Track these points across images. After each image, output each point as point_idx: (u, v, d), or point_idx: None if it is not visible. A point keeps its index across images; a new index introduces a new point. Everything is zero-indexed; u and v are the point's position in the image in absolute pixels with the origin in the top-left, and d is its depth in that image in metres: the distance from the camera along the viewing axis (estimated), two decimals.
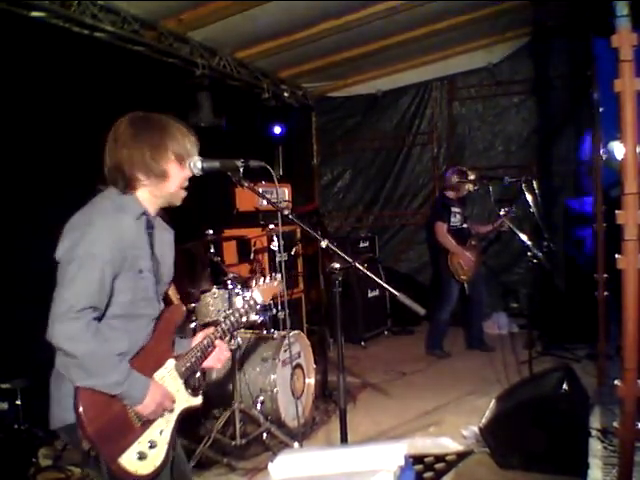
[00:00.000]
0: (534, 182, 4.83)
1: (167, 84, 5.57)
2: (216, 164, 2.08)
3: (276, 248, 4.57)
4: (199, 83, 5.80)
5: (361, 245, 7.23)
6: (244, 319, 2.36)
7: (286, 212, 2.13)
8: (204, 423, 4.08)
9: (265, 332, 4.31)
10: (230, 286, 3.99)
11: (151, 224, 2.07)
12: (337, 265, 2.17)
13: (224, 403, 3.96)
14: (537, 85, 7.33)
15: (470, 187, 5.90)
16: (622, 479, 2.55)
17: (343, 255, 2.07)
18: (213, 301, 3.94)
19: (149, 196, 2.05)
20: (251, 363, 4.10)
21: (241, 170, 2.09)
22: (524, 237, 4.46)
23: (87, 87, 4.76)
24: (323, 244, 2.09)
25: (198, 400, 2.19)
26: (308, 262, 6.42)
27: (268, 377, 4.00)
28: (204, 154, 2.12)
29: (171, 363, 2.11)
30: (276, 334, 4.27)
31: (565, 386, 3.31)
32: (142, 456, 1.94)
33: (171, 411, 2.07)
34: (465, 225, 6.09)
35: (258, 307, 2.44)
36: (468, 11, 6.00)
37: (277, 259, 4.57)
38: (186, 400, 2.14)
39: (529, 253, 4.47)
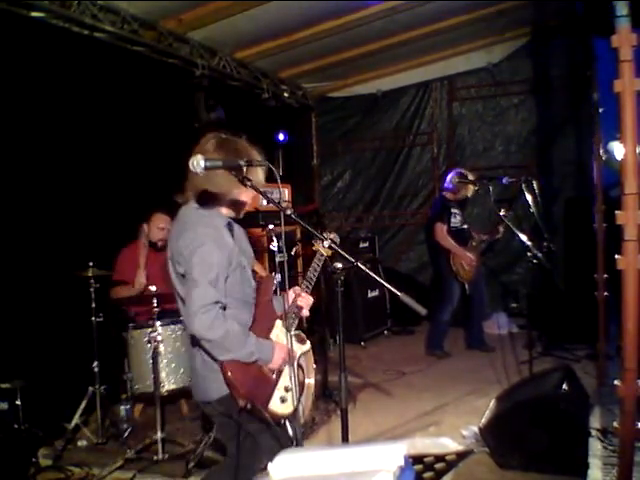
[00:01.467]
0: (534, 182, 4.82)
1: (167, 84, 5.57)
2: (219, 163, 2.08)
3: (276, 248, 4.56)
4: (199, 83, 5.80)
5: (361, 245, 7.22)
6: (318, 270, 2.66)
7: (289, 212, 2.13)
8: (204, 423, 4.07)
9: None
10: None
11: (231, 226, 2.48)
12: (339, 265, 2.18)
13: None
14: (537, 85, 7.33)
15: (469, 191, 5.90)
16: (622, 479, 2.56)
17: (345, 255, 2.08)
18: None
19: (225, 210, 2.45)
20: None
21: (244, 169, 2.09)
22: (524, 237, 4.45)
23: (87, 87, 4.77)
24: (326, 243, 2.11)
25: (307, 346, 2.66)
26: (308, 262, 6.41)
27: None
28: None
29: (279, 323, 2.52)
30: None
31: (565, 386, 3.31)
32: (284, 399, 2.43)
33: (293, 360, 2.46)
34: (465, 226, 6.08)
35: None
36: (468, 11, 6.00)
37: (277, 259, 4.56)
38: (299, 348, 2.59)
39: (529, 253, 4.46)
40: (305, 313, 2.63)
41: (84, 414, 4.13)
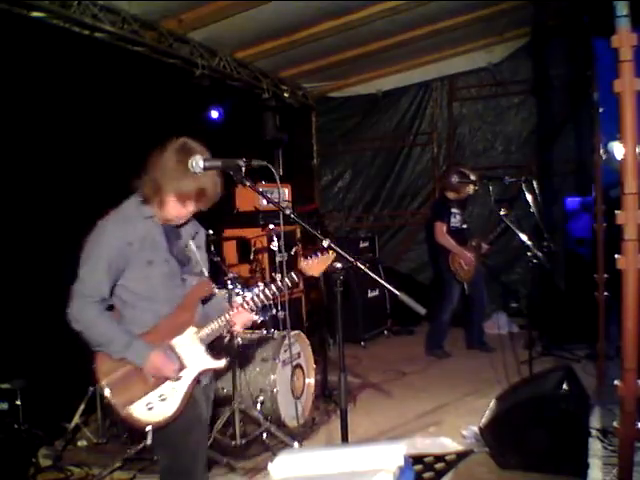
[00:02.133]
0: (534, 182, 4.83)
1: (167, 84, 5.57)
2: (218, 163, 2.08)
3: (276, 248, 4.56)
4: (199, 83, 5.81)
5: (361, 245, 7.23)
6: (275, 292, 2.54)
7: (288, 212, 2.13)
8: None
9: (265, 332, 4.31)
10: (230, 286, 3.99)
11: (168, 225, 2.40)
12: (338, 265, 2.18)
13: (224, 403, 3.96)
14: (537, 85, 7.33)
15: (471, 189, 5.89)
16: (622, 479, 2.56)
17: (344, 254, 2.07)
18: None
19: (154, 211, 2.38)
20: (251, 363, 4.10)
21: (243, 169, 2.09)
22: (524, 237, 4.46)
23: (87, 87, 4.76)
24: (325, 243, 2.09)
25: (220, 363, 2.44)
26: None
27: (268, 377, 4.00)
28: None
29: (191, 330, 2.39)
30: (276, 334, 4.27)
31: (565, 386, 3.31)
32: (150, 407, 2.27)
33: (176, 377, 2.31)
34: (465, 226, 6.08)
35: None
36: (468, 11, 6.00)
37: (277, 259, 4.57)
38: (206, 362, 2.40)
39: (529, 253, 4.46)
40: (237, 329, 2.52)
41: (84, 414, 4.13)
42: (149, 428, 2.26)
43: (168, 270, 2.36)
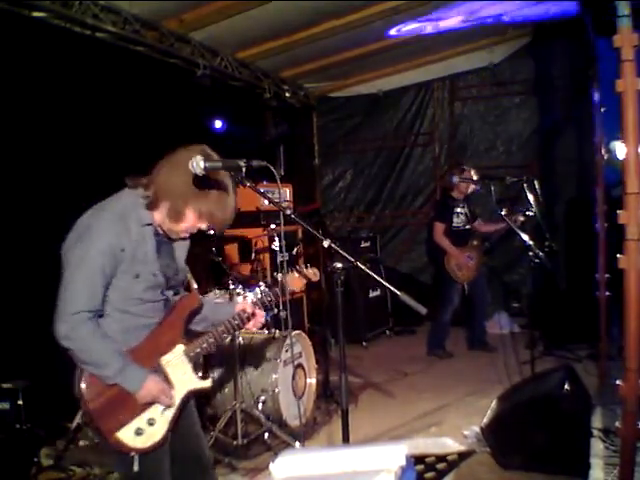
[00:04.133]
0: (535, 182, 4.82)
1: (168, 84, 5.58)
2: (218, 164, 2.07)
3: (277, 248, 4.57)
4: (200, 83, 5.81)
5: (362, 245, 7.23)
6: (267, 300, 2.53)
7: (288, 212, 2.12)
8: (205, 423, 4.08)
9: (266, 332, 4.32)
10: (232, 286, 3.99)
11: (158, 232, 2.19)
12: (339, 265, 2.17)
13: (225, 403, 3.97)
14: (538, 85, 7.33)
15: (471, 187, 5.89)
16: (624, 479, 2.55)
17: (345, 254, 2.07)
18: None
19: (160, 218, 2.16)
20: (252, 363, 4.10)
21: (244, 170, 2.08)
22: (525, 237, 4.45)
23: (88, 87, 4.77)
24: (325, 243, 2.08)
25: (206, 383, 2.30)
26: (309, 262, 6.39)
27: (269, 377, 4.00)
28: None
29: (180, 348, 2.24)
30: (277, 334, 4.27)
31: (567, 386, 3.30)
32: (140, 432, 2.09)
33: (170, 403, 2.16)
34: (468, 226, 6.07)
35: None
36: None
37: (278, 259, 4.57)
38: (194, 383, 2.26)
39: (530, 253, 4.46)
40: (250, 326, 2.44)
41: None
42: (134, 454, 2.07)
43: (153, 284, 2.15)
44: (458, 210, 5.98)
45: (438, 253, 5.93)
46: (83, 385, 2.04)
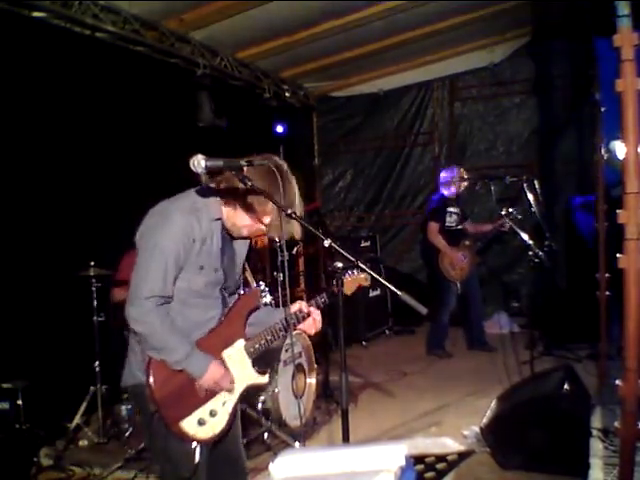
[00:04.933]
0: (535, 182, 4.82)
1: (168, 84, 5.57)
2: (220, 163, 2.07)
3: (277, 248, 4.56)
4: (200, 83, 5.80)
5: (362, 244, 7.24)
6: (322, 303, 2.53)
7: (288, 211, 2.12)
8: None
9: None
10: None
11: (225, 229, 2.25)
12: (340, 264, 2.17)
13: None
14: (538, 85, 7.33)
15: (462, 186, 5.93)
16: (623, 479, 2.55)
17: (345, 254, 2.07)
18: None
19: (228, 214, 2.21)
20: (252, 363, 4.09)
21: (245, 169, 2.08)
22: (525, 236, 4.46)
23: (88, 87, 4.77)
24: (326, 243, 2.08)
25: (264, 379, 2.37)
26: (309, 261, 6.41)
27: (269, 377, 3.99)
28: (206, 154, 2.12)
29: (240, 343, 2.30)
30: None
31: (566, 386, 3.31)
32: (202, 422, 2.15)
33: (231, 389, 2.23)
34: (460, 227, 6.10)
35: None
36: (469, 11, 6.00)
37: (279, 258, 4.57)
38: (252, 378, 2.32)
39: (530, 252, 4.46)
40: (304, 327, 2.47)
41: (85, 414, 4.13)
42: (195, 445, 2.12)
43: (214, 279, 2.22)
44: (451, 209, 6.00)
45: (432, 253, 5.96)
46: (151, 373, 2.07)
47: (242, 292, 2.44)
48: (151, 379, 2.07)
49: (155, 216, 2.14)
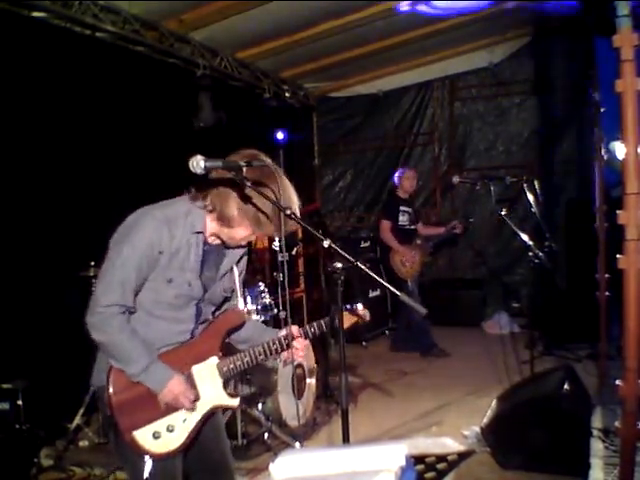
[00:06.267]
0: (535, 182, 4.82)
1: (168, 84, 5.57)
2: (219, 163, 2.06)
3: (277, 248, 4.56)
4: (200, 83, 5.80)
5: (362, 245, 7.23)
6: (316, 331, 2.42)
7: (288, 212, 2.11)
8: None
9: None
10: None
11: (207, 242, 2.16)
12: (339, 265, 2.17)
13: None
14: (538, 85, 7.33)
15: (415, 184, 6.16)
16: (623, 479, 2.55)
17: (345, 254, 2.07)
18: None
19: (216, 226, 2.13)
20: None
21: (244, 170, 2.08)
22: (525, 237, 4.45)
23: (88, 87, 4.76)
24: (325, 243, 2.07)
25: (234, 402, 2.27)
26: (309, 262, 6.41)
27: (269, 377, 3.99)
28: (205, 154, 2.12)
29: (214, 360, 2.21)
30: None
31: (566, 386, 3.31)
32: (157, 435, 2.06)
33: (193, 408, 2.13)
34: (413, 226, 6.15)
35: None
36: (469, 11, 5.99)
37: (278, 259, 4.57)
38: (220, 399, 2.22)
39: (530, 253, 4.46)
40: (285, 356, 2.36)
41: (86, 414, 4.13)
42: (147, 459, 2.03)
43: (186, 292, 2.12)
44: (403, 209, 6.05)
45: (384, 251, 6.00)
46: (110, 379, 2.04)
47: (227, 308, 2.35)
48: (110, 384, 2.03)
49: (127, 223, 2.08)
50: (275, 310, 4.35)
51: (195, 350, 2.19)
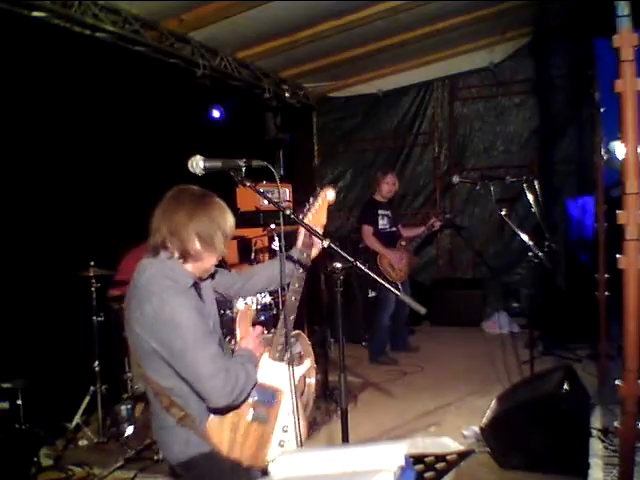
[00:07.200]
0: (535, 182, 4.82)
1: (168, 84, 5.58)
2: (218, 163, 2.07)
3: (277, 248, 4.57)
4: (200, 83, 5.81)
5: (362, 245, 7.21)
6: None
7: (288, 212, 2.11)
8: None
9: (266, 332, 4.30)
10: None
11: (199, 285, 2.21)
12: (339, 265, 2.17)
13: None
14: (538, 85, 7.33)
15: (394, 189, 6.09)
16: (623, 479, 2.56)
17: (344, 255, 2.07)
18: None
19: (189, 267, 2.13)
20: None
21: (243, 170, 2.08)
22: (525, 237, 4.45)
23: (88, 87, 4.77)
24: (325, 243, 2.08)
25: (306, 364, 2.46)
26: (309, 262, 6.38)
27: None
28: (205, 154, 2.12)
29: (264, 358, 2.30)
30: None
31: (566, 386, 3.31)
32: (282, 443, 2.21)
33: (278, 400, 2.25)
34: (394, 229, 6.13)
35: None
36: (469, 11, 6.00)
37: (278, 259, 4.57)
38: (296, 372, 2.32)
39: (530, 253, 4.46)
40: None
41: (85, 414, 4.13)
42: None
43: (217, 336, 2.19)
44: (382, 212, 6.03)
45: (370, 256, 5.95)
46: (214, 439, 2.07)
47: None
48: (210, 434, 2.05)
49: (161, 315, 1.96)
50: (275, 309, 4.35)
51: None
